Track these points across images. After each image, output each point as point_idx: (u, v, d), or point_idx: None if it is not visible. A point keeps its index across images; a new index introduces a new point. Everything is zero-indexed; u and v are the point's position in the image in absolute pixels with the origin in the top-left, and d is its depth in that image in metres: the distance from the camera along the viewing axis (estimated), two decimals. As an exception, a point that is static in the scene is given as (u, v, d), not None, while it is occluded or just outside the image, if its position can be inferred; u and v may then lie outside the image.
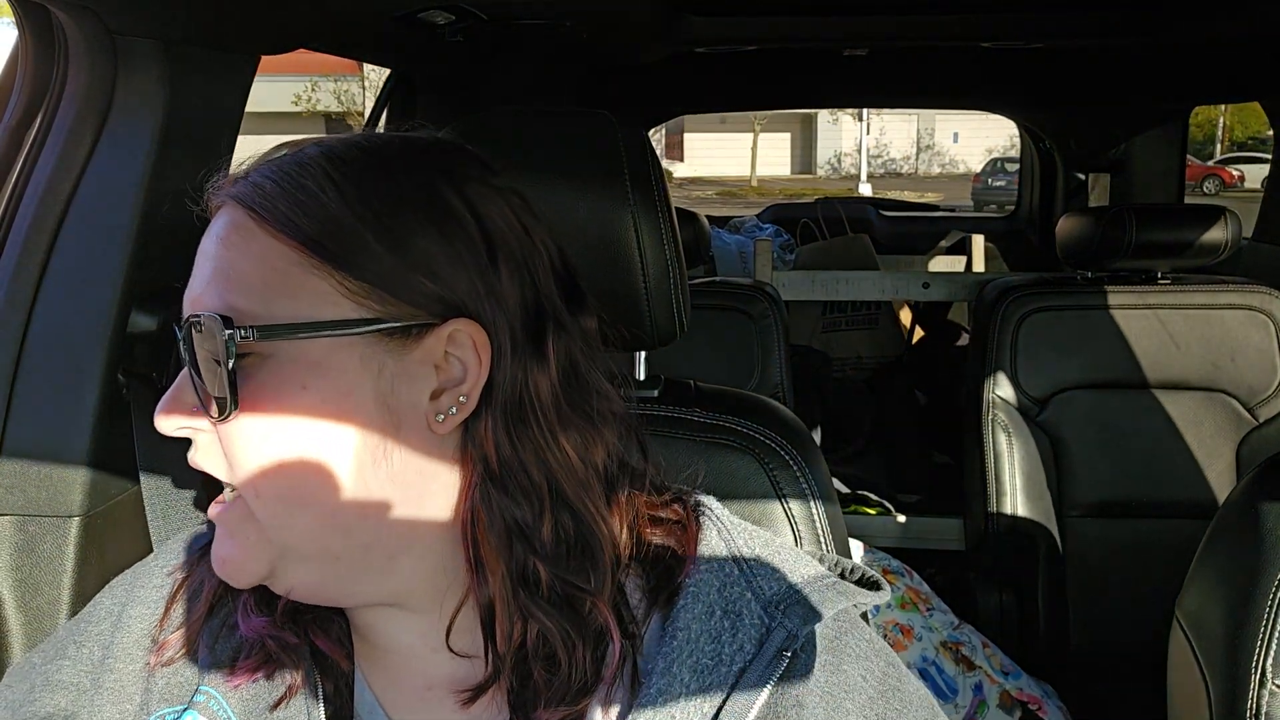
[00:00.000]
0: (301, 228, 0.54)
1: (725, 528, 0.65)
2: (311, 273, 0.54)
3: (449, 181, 0.58)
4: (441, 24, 1.56)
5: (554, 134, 0.84)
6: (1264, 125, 20.07)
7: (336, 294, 0.54)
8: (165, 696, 0.63)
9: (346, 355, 0.54)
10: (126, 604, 0.67)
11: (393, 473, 0.56)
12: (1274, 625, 0.87)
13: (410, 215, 0.56)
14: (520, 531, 0.57)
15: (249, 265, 0.55)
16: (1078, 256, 2.10)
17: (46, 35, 0.99)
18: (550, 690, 0.57)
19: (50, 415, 0.97)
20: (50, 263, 0.98)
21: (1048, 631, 1.99)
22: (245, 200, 0.56)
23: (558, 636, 0.57)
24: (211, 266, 0.56)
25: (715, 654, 0.58)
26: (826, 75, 3.00)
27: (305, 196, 0.55)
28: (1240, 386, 2.02)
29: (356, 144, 0.59)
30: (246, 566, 0.58)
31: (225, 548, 0.58)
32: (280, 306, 0.54)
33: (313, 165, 0.56)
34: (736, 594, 0.61)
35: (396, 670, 0.63)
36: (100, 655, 0.66)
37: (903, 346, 3.34)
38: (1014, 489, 2.00)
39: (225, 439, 0.56)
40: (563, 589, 0.57)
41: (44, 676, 0.66)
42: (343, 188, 0.55)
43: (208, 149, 1.09)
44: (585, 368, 0.60)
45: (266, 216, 0.55)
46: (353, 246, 0.54)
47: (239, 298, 0.55)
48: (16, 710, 0.65)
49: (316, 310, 0.54)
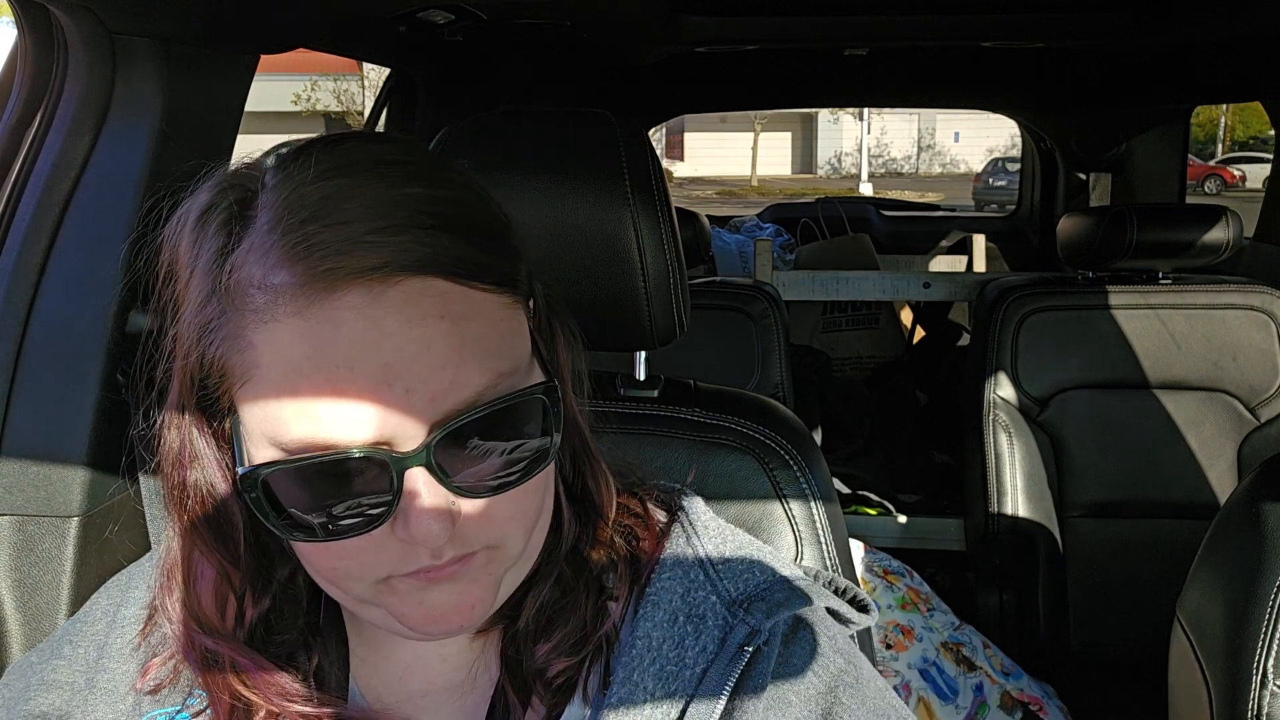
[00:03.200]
0: (494, 272, 0.52)
1: (695, 532, 0.65)
2: (516, 309, 0.54)
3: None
4: (441, 24, 1.56)
5: (554, 134, 0.84)
6: (1265, 125, 20.07)
7: (524, 319, 0.55)
8: (158, 699, 0.62)
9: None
10: (121, 604, 0.67)
11: None
12: (1275, 626, 0.87)
13: (503, 226, 0.56)
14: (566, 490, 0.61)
15: (486, 330, 0.50)
16: (1079, 256, 2.10)
17: (46, 34, 0.99)
18: (548, 639, 0.59)
19: (49, 415, 0.97)
20: (49, 262, 0.98)
21: (1048, 632, 1.99)
22: (447, 271, 0.49)
23: (569, 581, 0.61)
24: (451, 349, 0.49)
25: (679, 659, 0.58)
26: (826, 75, 3.00)
27: (488, 239, 0.52)
28: (1241, 386, 2.01)
29: (426, 175, 0.52)
30: (494, 602, 0.55)
31: (472, 594, 0.54)
32: (519, 354, 0.53)
33: (450, 199, 0.52)
34: (700, 598, 0.61)
35: (399, 677, 0.63)
36: (95, 655, 0.65)
37: (903, 346, 3.34)
38: (1015, 489, 2.00)
39: (497, 506, 0.52)
40: (574, 546, 0.61)
41: (39, 676, 0.66)
42: (495, 211, 0.55)
43: (207, 148, 1.08)
44: (574, 343, 0.64)
45: (475, 280, 0.50)
46: (516, 266, 0.54)
47: (505, 366, 0.51)
48: (12, 708, 0.65)
49: (527, 343, 0.55)
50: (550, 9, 1.58)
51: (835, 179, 29.98)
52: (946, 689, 1.73)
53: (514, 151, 0.82)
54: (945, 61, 2.80)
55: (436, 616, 0.53)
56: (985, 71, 2.90)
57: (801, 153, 33.40)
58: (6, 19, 1.02)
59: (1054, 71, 2.75)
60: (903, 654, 1.74)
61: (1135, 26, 1.84)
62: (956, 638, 1.81)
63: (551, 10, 1.59)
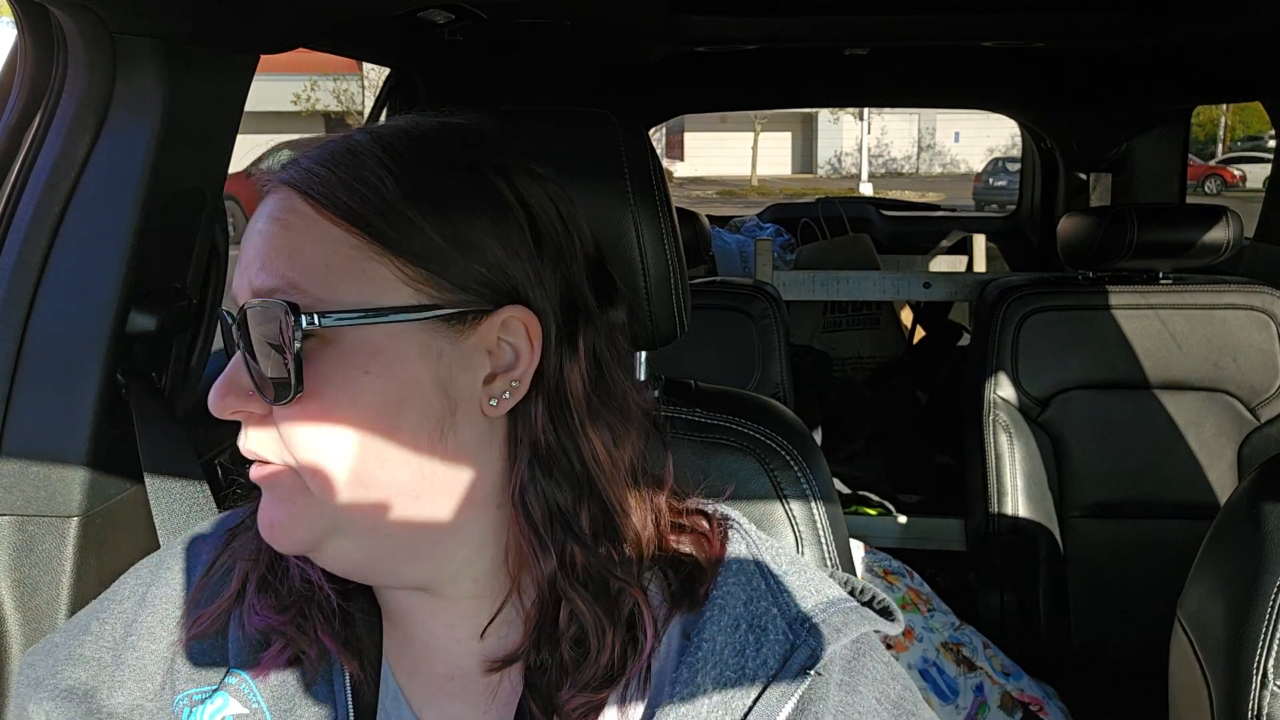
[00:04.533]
0: (362, 216, 0.55)
1: (754, 541, 0.65)
2: (373, 259, 0.55)
3: (498, 171, 0.59)
4: (441, 23, 1.56)
5: (554, 134, 0.84)
6: (1265, 125, 20.09)
7: (397, 281, 0.55)
8: (193, 677, 0.63)
9: (406, 341, 0.56)
10: (151, 584, 0.68)
11: (447, 456, 0.57)
12: (1275, 626, 0.87)
13: (465, 204, 0.57)
14: (562, 516, 0.58)
15: (311, 249, 0.55)
16: (1079, 256, 2.10)
17: (46, 34, 0.99)
18: (577, 671, 0.58)
19: (49, 415, 0.97)
20: (49, 262, 0.98)
21: (1049, 632, 1.99)
22: (301, 185, 0.57)
23: (590, 619, 0.58)
24: (269, 247, 0.56)
25: (739, 667, 0.58)
26: (826, 75, 3.00)
27: (364, 187, 0.56)
28: (1242, 387, 2.01)
29: (407, 132, 0.59)
30: (296, 533, 0.58)
31: (275, 513, 0.58)
32: (344, 292, 0.55)
33: (367, 154, 0.57)
34: (763, 609, 0.61)
35: (422, 658, 0.63)
36: (122, 633, 0.67)
37: (903, 346, 3.34)
38: (1015, 489, 2.00)
39: (284, 424, 0.56)
40: (598, 574, 0.58)
41: (66, 652, 0.67)
42: (399, 177, 0.56)
43: (207, 148, 1.08)
44: (610, 362, 0.62)
45: (325, 203, 0.56)
46: (413, 235, 0.56)
47: (302, 280, 0.55)
48: (39, 684, 0.66)
49: (379, 296, 0.55)
50: (550, 9, 1.58)
51: (835, 179, 29.97)
52: (947, 689, 1.73)
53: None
54: (945, 61, 2.80)
55: (260, 519, 0.59)
56: (985, 71, 2.90)
57: (801, 153, 33.39)
58: (6, 19, 1.02)
59: (1054, 71, 2.75)
60: (903, 654, 1.74)
61: (1135, 26, 1.83)
62: (957, 638, 1.81)
63: (551, 10, 1.59)
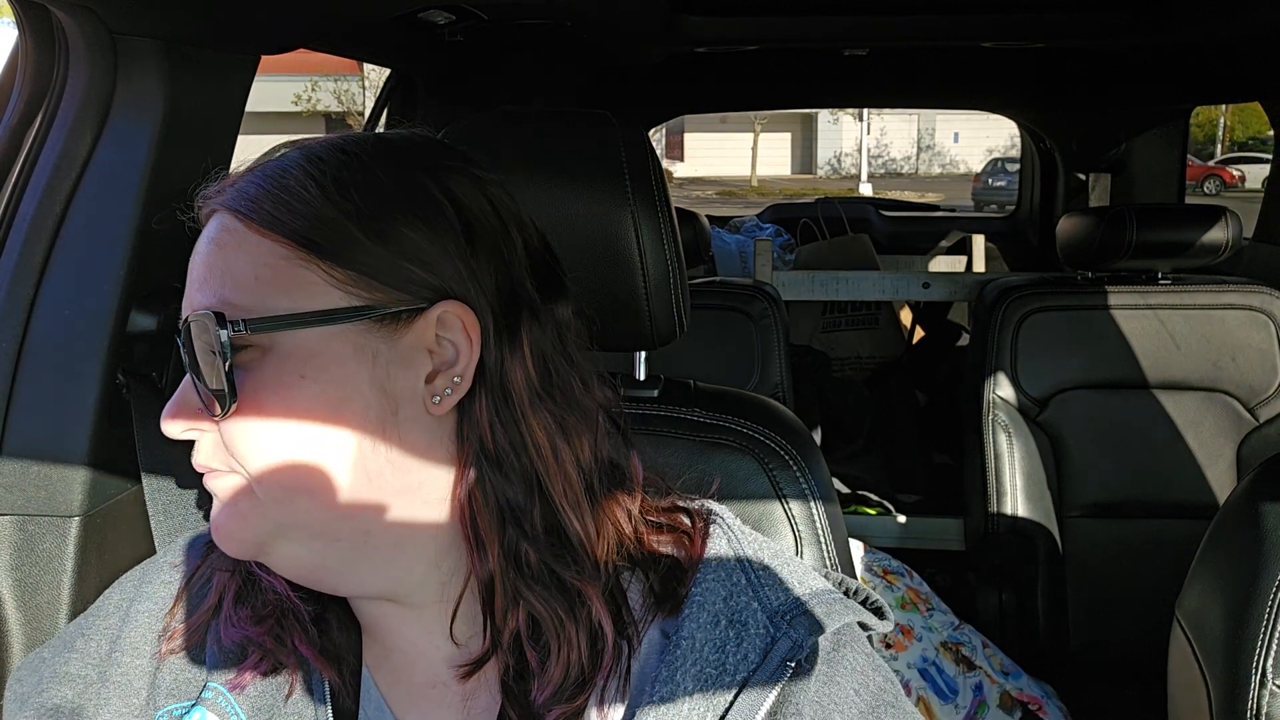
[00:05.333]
0: (287, 224, 0.56)
1: (736, 537, 0.65)
2: (300, 266, 0.56)
3: (427, 172, 0.59)
4: (441, 24, 1.56)
5: (554, 134, 0.84)
6: (1265, 125, 20.06)
7: (326, 285, 0.56)
8: (172, 692, 0.63)
9: (341, 344, 0.56)
10: (134, 599, 0.68)
11: (392, 457, 0.57)
12: (1274, 626, 0.87)
13: (391, 205, 0.57)
14: (513, 513, 0.58)
15: (241, 264, 0.56)
16: (1078, 256, 2.10)
17: (47, 35, 0.99)
18: (543, 672, 0.58)
19: (50, 415, 0.97)
20: (50, 262, 0.98)
21: (1048, 632, 1.99)
22: (232, 205, 0.58)
23: (546, 617, 0.58)
24: (205, 268, 0.58)
25: (719, 663, 0.58)
26: (826, 75, 3.00)
27: (288, 195, 0.57)
28: (1241, 387, 2.01)
29: (334, 144, 0.61)
30: (239, 535, 0.59)
31: (221, 516, 0.59)
32: (273, 301, 0.56)
33: (293, 166, 0.58)
34: (743, 603, 0.61)
35: (402, 667, 0.63)
36: (107, 649, 0.66)
37: (903, 346, 3.34)
38: (1014, 489, 2.00)
39: (228, 435, 0.56)
40: (551, 572, 0.58)
41: (52, 669, 0.67)
42: (323, 184, 0.57)
43: (208, 148, 1.09)
44: (555, 357, 0.61)
45: (254, 217, 0.57)
46: (338, 238, 0.56)
47: (233, 295, 0.56)
48: (25, 701, 0.66)
49: (308, 302, 0.56)
50: (550, 9, 1.58)
51: (835, 179, 29.97)
52: (946, 688, 1.73)
53: (514, 152, 0.82)
54: (945, 61, 2.80)
55: (211, 524, 0.60)
56: (985, 71, 2.90)
57: (801, 153, 33.38)
58: (7, 19, 1.02)
59: (1054, 71, 2.76)
60: (902, 654, 1.74)
61: (1135, 26, 1.84)
62: (956, 637, 1.81)
63: (551, 10, 1.59)
